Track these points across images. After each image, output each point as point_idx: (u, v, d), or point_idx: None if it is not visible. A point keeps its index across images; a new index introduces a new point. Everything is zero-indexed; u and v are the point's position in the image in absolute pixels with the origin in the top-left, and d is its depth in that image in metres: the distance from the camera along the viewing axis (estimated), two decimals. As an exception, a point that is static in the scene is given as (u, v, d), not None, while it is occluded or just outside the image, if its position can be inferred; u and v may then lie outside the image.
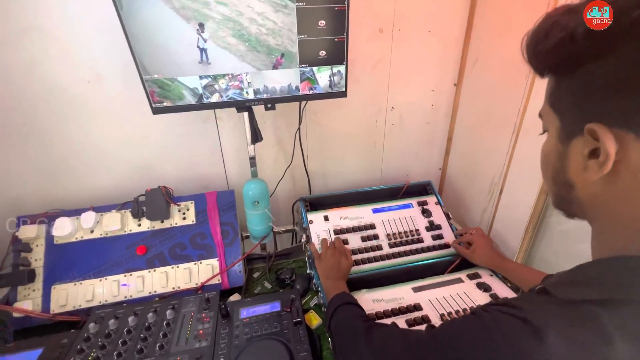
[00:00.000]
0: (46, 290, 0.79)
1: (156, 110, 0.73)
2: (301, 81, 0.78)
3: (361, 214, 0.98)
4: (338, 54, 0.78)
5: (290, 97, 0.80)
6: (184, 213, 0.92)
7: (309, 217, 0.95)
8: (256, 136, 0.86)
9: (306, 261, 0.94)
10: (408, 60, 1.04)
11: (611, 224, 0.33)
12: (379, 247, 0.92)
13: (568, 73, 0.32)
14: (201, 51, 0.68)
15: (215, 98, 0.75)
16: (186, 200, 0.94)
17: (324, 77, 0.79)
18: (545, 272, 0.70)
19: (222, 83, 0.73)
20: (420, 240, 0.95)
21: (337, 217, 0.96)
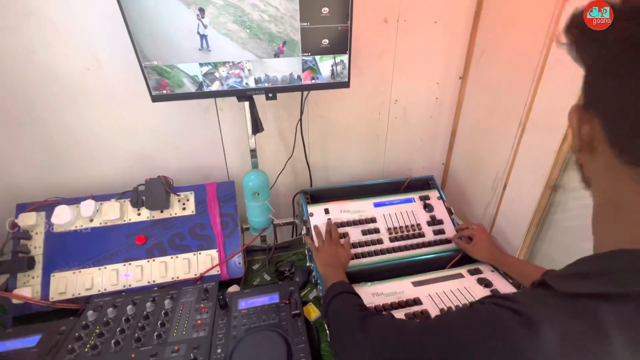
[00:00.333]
0: (45, 278, 0.79)
1: (155, 97, 0.72)
2: (303, 70, 0.77)
3: (362, 208, 0.97)
4: (341, 43, 0.76)
5: (291, 87, 0.78)
6: (184, 203, 0.92)
7: (310, 210, 0.95)
8: (257, 126, 0.85)
9: (306, 254, 0.93)
10: (413, 51, 1.02)
11: (612, 213, 0.32)
12: (380, 241, 0.91)
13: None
14: (201, 37, 0.67)
15: (215, 86, 0.74)
16: (186, 190, 0.93)
17: (327, 67, 0.78)
18: (545, 268, 0.69)
19: (223, 71, 0.72)
20: (421, 235, 0.94)
21: (338, 210, 0.95)
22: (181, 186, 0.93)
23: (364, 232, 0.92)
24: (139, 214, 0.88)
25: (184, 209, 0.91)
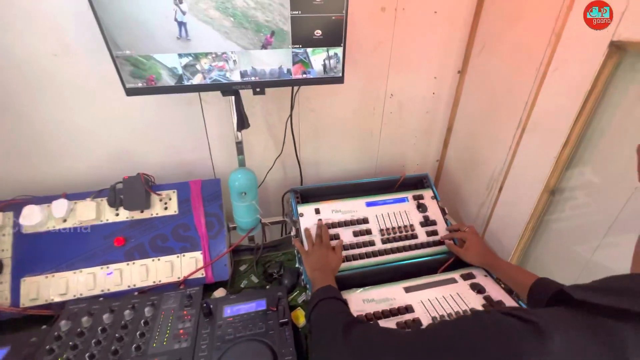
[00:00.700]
0: (15, 282, 0.74)
1: (130, 91, 0.65)
2: (293, 64, 0.71)
3: (354, 208, 0.94)
4: (335, 35, 0.70)
5: (281, 82, 0.72)
6: (166, 202, 0.86)
7: (300, 210, 0.91)
8: (242, 122, 0.79)
9: (295, 254, 0.90)
10: (411, 43, 0.96)
11: None
12: (372, 243, 0.88)
13: None
14: (179, 25, 0.60)
15: (197, 80, 0.68)
16: (168, 188, 0.87)
17: (319, 60, 0.72)
18: (537, 275, 0.68)
19: (205, 63, 0.65)
20: (414, 236, 0.91)
21: (329, 210, 0.92)
22: (163, 184, 0.88)
23: (356, 234, 0.89)
24: (117, 214, 0.83)
25: (166, 209, 0.86)
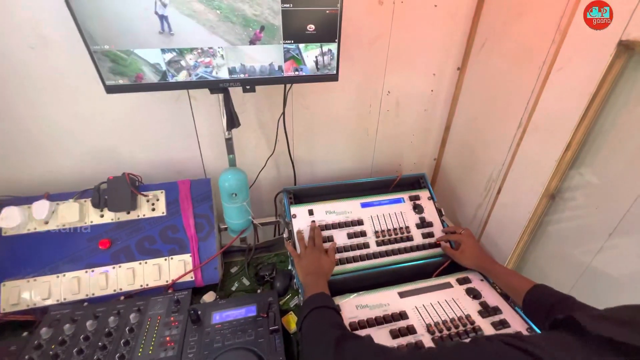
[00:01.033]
0: (-6, 287, 0.71)
1: (110, 88, 0.61)
2: (285, 60, 0.67)
3: (349, 209, 0.91)
4: (330, 29, 0.66)
5: (271, 79, 0.68)
6: (153, 203, 0.83)
7: (293, 211, 0.88)
8: (233, 121, 0.76)
9: (288, 256, 0.88)
10: (409, 38, 0.92)
11: None
12: (366, 245, 0.86)
13: None
14: (161, 18, 0.56)
15: (182, 77, 0.64)
16: (156, 189, 0.84)
17: (312, 57, 0.68)
18: (533, 281, 0.67)
19: (190, 59, 0.61)
20: (409, 238, 0.89)
21: (323, 212, 0.89)
22: (150, 184, 0.84)
23: (350, 236, 0.87)
24: (102, 216, 0.80)
25: (154, 210, 0.83)
